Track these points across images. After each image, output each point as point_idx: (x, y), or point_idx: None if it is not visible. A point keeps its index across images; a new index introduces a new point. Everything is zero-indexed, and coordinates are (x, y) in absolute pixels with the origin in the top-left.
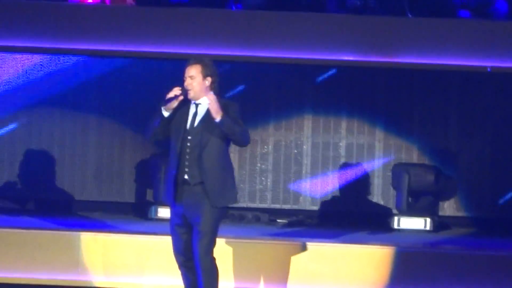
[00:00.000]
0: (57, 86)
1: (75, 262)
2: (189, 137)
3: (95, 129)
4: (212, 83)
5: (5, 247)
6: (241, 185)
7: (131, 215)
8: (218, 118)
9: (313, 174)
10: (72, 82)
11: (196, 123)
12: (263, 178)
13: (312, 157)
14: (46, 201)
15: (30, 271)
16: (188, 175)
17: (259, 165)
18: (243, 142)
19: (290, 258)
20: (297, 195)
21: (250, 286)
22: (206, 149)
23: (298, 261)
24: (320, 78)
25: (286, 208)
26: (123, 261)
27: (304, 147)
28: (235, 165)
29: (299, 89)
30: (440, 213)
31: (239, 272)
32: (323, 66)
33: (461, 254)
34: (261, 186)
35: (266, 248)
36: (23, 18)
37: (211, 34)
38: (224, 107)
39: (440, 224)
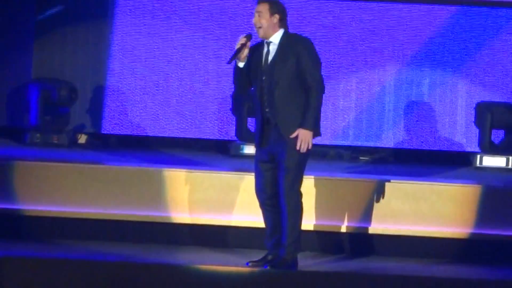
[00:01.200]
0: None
1: (158, 198)
2: (263, 78)
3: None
4: (279, 20)
5: (89, 182)
6: (324, 122)
7: (213, 151)
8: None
9: (396, 112)
10: None
11: (269, 62)
12: (345, 116)
13: (395, 95)
14: (128, 137)
15: (113, 206)
16: (269, 115)
17: (341, 102)
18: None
19: (372, 196)
20: (379, 133)
21: (332, 223)
22: (278, 87)
23: (380, 199)
24: (407, 17)
25: (369, 145)
26: (205, 197)
27: (387, 84)
28: None
29: (380, 27)
30: None
31: (321, 209)
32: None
33: None
34: (343, 123)
35: (348, 185)
36: None
37: None
38: (295, 43)
39: None
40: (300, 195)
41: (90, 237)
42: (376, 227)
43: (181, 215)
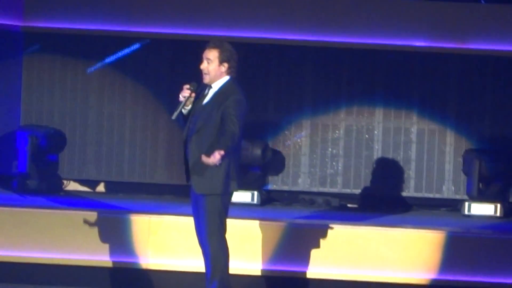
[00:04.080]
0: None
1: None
2: (192, 119)
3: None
4: (228, 68)
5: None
6: (312, 169)
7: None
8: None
9: (384, 159)
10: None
11: (201, 106)
12: (334, 163)
13: (383, 142)
14: (115, 183)
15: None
16: (189, 156)
17: (330, 149)
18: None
19: (360, 242)
20: (367, 180)
21: (321, 270)
22: (199, 133)
23: (368, 245)
24: (392, 64)
25: (357, 192)
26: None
27: (375, 132)
28: (307, 149)
29: (371, 74)
30: (511, 200)
31: (310, 256)
32: (395, 52)
33: None
34: (332, 171)
35: (336, 232)
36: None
37: (282, 19)
38: (229, 94)
39: (511, 210)
40: (222, 240)
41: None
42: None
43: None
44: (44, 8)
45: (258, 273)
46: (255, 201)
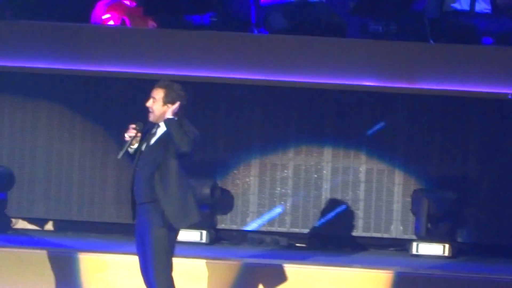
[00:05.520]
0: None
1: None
2: (140, 157)
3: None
4: (174, 109)
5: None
6: (260, 209)
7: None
8: (167, 116)
9: (333, 198)
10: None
11: (151, 143)
12: (282, 202)
13: (332, 181)
14: (66, 221)
15: None
16: (136, 194)
17: (278, 189)
18: (182, 145)
19: (309, 282)
20: (316, 219)
21: None
22: (160, 168)
23: (317, 285)
24: (341, 104)
25: (305, 232)
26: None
27: (324, 171)
28: (255, 189)
29: (320, 114)
30: (459, 240)
31: None
32: (344, 92)
33: (480, 281)
34: (280, 211)
35: (285, 271)
36: (42, 40)
37: (232, 58)
38: (175, 121)
39: (459, 250)
40: (169, 279)
41: None
42: None
43: None
44: None
45: None
46: (204, 240)
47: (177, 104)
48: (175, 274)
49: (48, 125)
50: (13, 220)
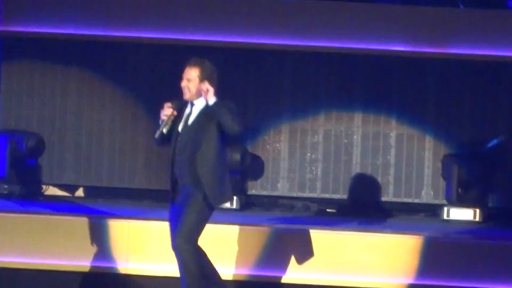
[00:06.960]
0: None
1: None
2: (178, 138)
3: (146, 116)
4: (213, 91)
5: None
6: (291, 174)
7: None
8: (211, 101)
9: (363, 164)
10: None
11: (189, 123)
12: (313, 168)
13: (362, 147)
14: (96, 188)
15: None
16: (178, 175)
17: (309, 154)
18: (234, 126)
19: (339, 248)
20: (346, 185)
21: (300, 276)
22: (201, 148)
23: (347, 251)
24: (371, 69)
25: (336, 197)
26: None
27: (355, 137)
28: (285, 154)
29: (350, 79)
30: (490, 204)
31: (289, 261)
32: (373, 57)
33: (511, 245)
34: (310, 176)
35: (316, 237)
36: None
37: (261, 24)
38: (211, 108)
39: (489, 215)
40: (195, 249)
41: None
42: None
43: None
44: (23, 13)
45: (237, 277)
46: (235, 206)
47: (213, 83)
48: (206, 240)
49: (78, 91)
50: (44, 186)
